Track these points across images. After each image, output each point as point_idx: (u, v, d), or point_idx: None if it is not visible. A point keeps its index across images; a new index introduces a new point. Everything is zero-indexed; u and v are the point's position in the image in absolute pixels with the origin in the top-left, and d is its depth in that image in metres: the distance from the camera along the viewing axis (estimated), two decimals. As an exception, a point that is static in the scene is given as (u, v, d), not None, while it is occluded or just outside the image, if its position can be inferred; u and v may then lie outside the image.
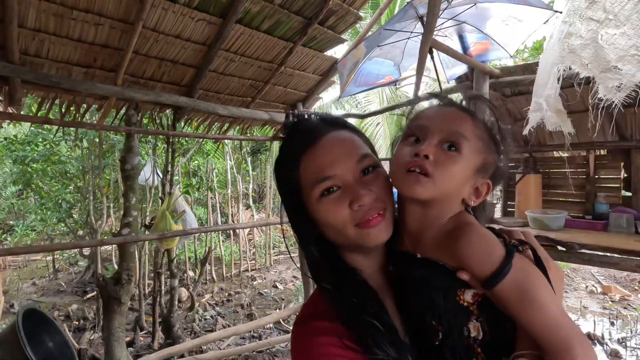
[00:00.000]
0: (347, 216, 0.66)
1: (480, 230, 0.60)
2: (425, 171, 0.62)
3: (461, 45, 2.69)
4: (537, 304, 0.53)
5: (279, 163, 0.76)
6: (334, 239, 0.71)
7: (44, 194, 6.29)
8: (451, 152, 0.63)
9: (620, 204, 2.76)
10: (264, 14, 2.89)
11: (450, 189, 0.63)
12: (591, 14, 1.78)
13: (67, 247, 4.70)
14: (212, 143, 6.75)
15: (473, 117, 0.67)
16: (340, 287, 0.68)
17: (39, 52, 2.49)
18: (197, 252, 7.71)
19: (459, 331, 0.60)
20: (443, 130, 0.64)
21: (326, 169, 0.67)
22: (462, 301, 0.61)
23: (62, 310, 5.50)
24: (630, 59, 1.54)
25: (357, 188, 0.66)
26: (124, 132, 3.45)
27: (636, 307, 5.46)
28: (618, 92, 1.57)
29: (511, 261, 0.55)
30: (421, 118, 0.70)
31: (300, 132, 0.74)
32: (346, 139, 0.72)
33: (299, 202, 0.71)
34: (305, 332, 0.66)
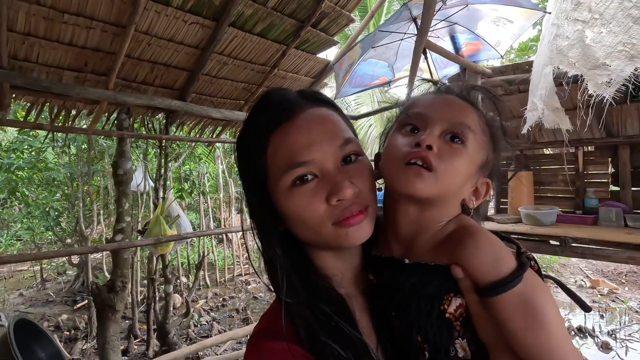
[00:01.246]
0: (324, 212, 0.55)
1: (488, 234, 0.53)
2: (428, 164, 0.53)
3: (453, 46, 2.74)
4: (543, 325, 0.46)
5: (241, 141, 0.62)
6: (304, 237, 0.59)
7: (30, 202, 6.14)
8: (455, 145, 0.56)
9: (609, 198, 2.84)
10: (257, 17, 2.89)
11: (454, 186, 0.56)
12: (577, 15, 1.85)
13: (58, 255, 4.59)
14: (203, 147, 6.70)
15: (476, 108, 0.60)
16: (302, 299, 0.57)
17: (28, 56, 2.44)
18: (190, 257, 7.62)
19: (446, 350, 0.54)
20: (445, 119, 0.57)
21: (302, 152, 0.55)
22: (446, 312, 0.53)
23: (52, 321, 5.36)
24: (618, 55, 1.60)
25: (337, 178, 0.55)
26: (117, 136, 3.40)
27: (624, 300, 5.61)
28: (608, 87, 1.63)
29: (523, 273, 0.48)
30: (419, 105, 0.61)
31: (272, 104, 0.60)
32: (327, 117, 0.59)
33: (263, 191, 0.59)
34: (258, 353, 0.56)
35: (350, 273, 0.64)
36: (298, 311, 0.56)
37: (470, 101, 0.61)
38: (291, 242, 0.61)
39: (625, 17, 1.59)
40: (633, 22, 1.59)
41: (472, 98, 0.62)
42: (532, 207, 2.90)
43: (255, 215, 0.61)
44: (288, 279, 0.58)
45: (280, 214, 0.59)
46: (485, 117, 0.61)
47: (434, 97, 0.62)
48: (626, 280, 6.58)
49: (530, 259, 0.52)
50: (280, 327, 0.56)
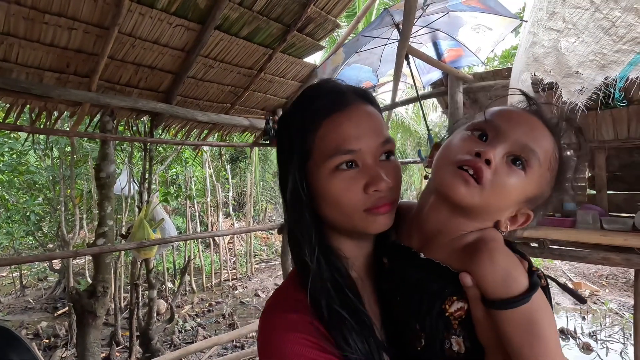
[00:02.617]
0: (360, 198, 0.60)
1: (507, 253, 0.54)
2: (479, 176, 0.54)
3: (436, 52, 2.80)
4: (542, 343, 0.50)
5: (290, 120, 0.66)
6: (333, 218, 0.64)
7: (10, 206, 5.98)
8: (516, 168, 0.55)
9: (586, 201, 2.91)
10: (243, 21, 2.90)
11: (495, 206, 0.57)
12: (552, 24, 1.91)
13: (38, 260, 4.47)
14: (190, 151, 6.64)
15: (556, 142, 0.58)
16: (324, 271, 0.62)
17: (7, 56, 2.39)
18: (176, 262, 7.51)
19: (441, 342, 0.57)
20: (518, 141, 0.55)
21: (351, 141, 0.59)
22: (447, 312, 0.56)
23: (31, 329, 5.22)
24: (590, 64, 1.66)
25: (376, 171, 0.60)
26: (99, 139, 3.35)
27: (604, 302, 5.74)
28: (580, 94, 1.68)
29: (532, 295, 0.50)
30: (500, 115, 0.59)
31: (328, 92, 0.64)
32: (375, 115, 0.64)
33: (302, 170, 0.63)
34: (273, 324, 0.60)
35: (362, 259, 0.68)
36: (319, 282, 0.61)
37: (554, 131, 0.59)
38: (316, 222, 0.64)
39: (597, 28, 1.65)
40: (604, 33, 1.65)
41: (558, 130, 0.59)
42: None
43: (291, 192, 0.64)
44: (313, 251, 0.62)
45: (314, 194, 0.63)
46: (561, 154, 0.59)
47: (519, 113, 0.60)
48: (607, 282, 6.75)
49: (540, 277, 0.54)
50: (294, 299, 0.61)
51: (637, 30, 1.52)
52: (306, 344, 0.56)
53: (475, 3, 2.13)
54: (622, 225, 2.54)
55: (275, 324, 0.59)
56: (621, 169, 2.81)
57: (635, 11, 1.52)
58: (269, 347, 0.58)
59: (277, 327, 0.59)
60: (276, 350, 0.56)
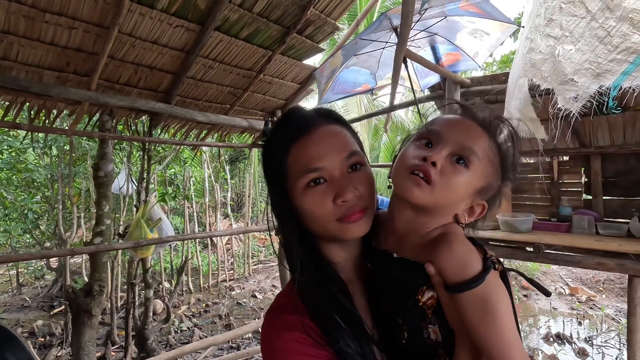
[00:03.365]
0: (330, 210, 0.67)
1: (463, 242, 0.61)
2: (428, 178, 0.61)
3: (434, 56, 2.81)
4: (496, 321, 0.55)
5: (267, 148, 0.75)
6: (313, 229, 0.71)
7: (8, 204, 5.98)
8: (459, 166, 0.63)
9: (582, 206, 2.93)
10: (243, 22, 2.92)
11: (447, 201, 0.64)
12: (549, 31, 1.92)
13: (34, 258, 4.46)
14: (189, 151, 6.65)
15: (491, 138, 0.66)
16: (311, 277, 0.69)
17: (7, 54, 2.40)
18: (173, 262, 7.50)
19: (421, 332, 0.63)
20: (458, 142, 0.64)
21: (315, 160, 0.67)
22: (420, 301, 0.63)
23: (27, 327, 5.20)
24: (585, 72, 1.67)
25: (343, 183, 0.67)
26: (98, 138, 3.36)
27: (601, 307, 5.75)
28: (575, 102, 1.70)
29: (486, 276, 0.56)
30: (439, 123, 0.68)
31: (294, 120, 0.73)
32: (338, 133, 0.72)
33: (283, 191, 0.71)
34: (274, 325, 0.67)
35: (351, 262, 0.75)
36: (309, 288, 0.69)
37: (488, 130, 0.67)
38: (305, 234, 0.73)
39: (592, 37, 1.66)
40: (599, 42, 1.67)
41: (492, 128, 0.68)
42: (510, 214, 2.96)
43: (276, 210, 0.74)
44: (302, 262, 0.71)
45: (296, 210, 0.70)
46: (499, 149, 0.67)
47: (455, 119, 0.69)
48: (604, 287, 6.76)
49: (494, 262, 0.60)
50: (293, 302, 0.69)
51: (631, 40, 1.54)
52: (302, 342, 0.63)
53: (473, 8, 2.14)
54: (617, 230, 2.55)
55: (274, 324, 0.67)
56: (617, 175, 2.82)
57: (630, 21, 1.54)
58: (269, 346, 0.65)
59: (276, 327, 0.66)
60: (275, 347, 0.64)
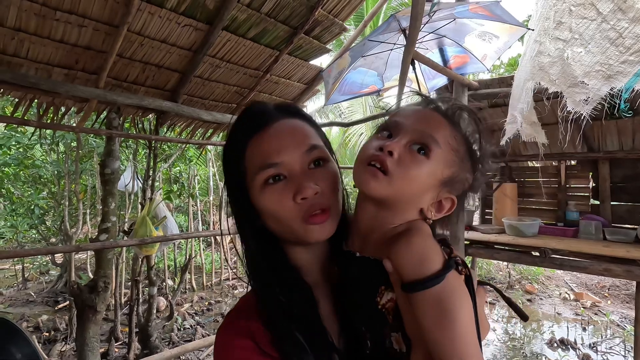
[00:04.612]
0: (292, 208, 0.62)
1: (425, 237, 0.56)
2: (384, 168, 0.57)
3: (441, 58, 2.80)
4: (452, 326, 0.49)
5: (225, 148, 0.71)
6: (276, 230, 0.66)
7: (15, 200, 6.03)
8: (418, 155, 0.58)
9: (589, 212, 2.91)
10: (251, 22, 2.93)
11: (407, 193, 0.59)
12: (558, 34, 1.91)
13: (40, 253, 4.51)
14: (194, 150, 6.68)
15: (453, 127, 0.62)
16: (271, 285, 0.65)
17: (17, 51, 2.43)
18: (177, 260, 7.53)
19: (383, 341, 0.58)
20: (416, 130, 0.60)
21: (272, 155, 0.63)
22: (379, 304, 0.58)
23: (31, 321, 5.25)
24: (596, 74, 1.66)
25: (301, 179, 0.62)
26: (105, 135, 3.38)
27: (606, 313, 5.69)
28: (586, 104, 1.68)
29: (445, 275, 0.51)
30: (399, 114, 0.65)
31: (250, 116, 0.69)
32: (297, 127, 0.67)
33: (242, 191, 0.67)
34: (227, 330, 0.63)
35: (317, 265, 0.70)
36: (265, 296, 0.64)
37: (450, 119, 0.63)
38: (268, 237, 0.68)
39: (603, 39, 1.65)
40: (610, 44, 1.65)
41: (454, 117, 0.64)
42: (515, 218, 2.95)
43: (235, 212, 0.70)
44: (258, 268, 0.67)
45: (257, 211, 0.66)
46: (463, 137, 0.63)
47: (415, 109, 0.65)
48: (609, 293, 6.69)
49: (458, 264, 0.54)
50: (252, 308, 0.64)
51: (644, 41, 1.52)
52: (251, 349, 0.58)
53: (483, 11, 2.13)
54: (624, 236, 2.53)
55: (227, 328, 0.63)
56: (625, 180, 2.80)
57: (643, 22, 1.52)
58: (219, 350, 0.62)
59: (227, 332, 0.62)
60: (223, 353, 0.60)
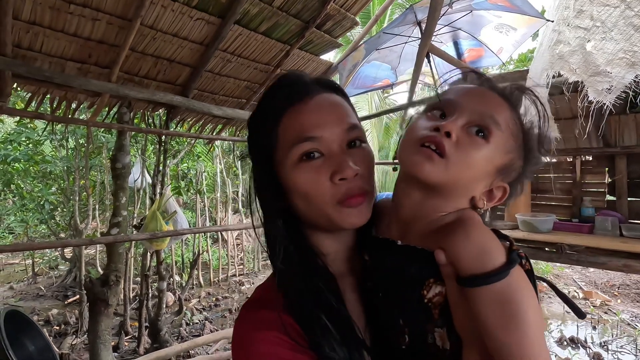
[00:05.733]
0: (328, 189, 0.57)
1: (483, 227, 0.50)
2: (441, 150, 0.52)
3: (456, 52, 2.77)
4: (522, 328, 0.44)
5: (254, 118, 0.65)
6: (305, 213, 0.61)
7: (25, 195, 6.09)
8: (478, 138, 0.53)
9: (605, 207, 2.86)
10: (263, 16, 2.91)
11: (464, 178, 0.54)
12: (579, 22, 1.87)
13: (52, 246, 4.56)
14: (202, 146, 6.69)
15: (513, 109, 0.57)
16: (296, 270, 0.60)
17: (32, 45, 2.43)
18: (185, 256, 7.57)
19: (425, 337, 0.53)
20: (476, 111, 0.54)
21: (312, 128, 0.57)
22: (425, 298, 0.53)
23: (42, 315, 5.30)
24: (619, 62, 1.62)
25: (341, 158, 0.57)
26: (116, 129, 3.39)
27: (616, 312, 5.63)
28: (608, 94, 1.65)
29: (509, 270, 0.46)
30: (453, 92, 0.58)
31: (287, 85, 0.63)
32: (338, 103, 0.63)
33: (270, 166, 0.61)
34: (247, 322, 0.58)
35: (343, 253, 0.65)
36: (291, 281, 0.59)
37: (509, 99, 0.57)
38: (291, 219, 0.62)
39: (627, 26, 1.61)
40: (635, 31, 1.62)
41: (513, 98, 0.58)
42: (529, 214, 2.91)
43: (260, 188, 0.64)
44: (285, 250, 0.61)
45: (285, 189, 0.61)
46: (522, 122, 0.57)
47: (472, 87, 0.59)
48: (618, 292, 6.62)
49: (521, 257, 0.50)
50: (273, 297, 0.59)
51: (671, 29, 1.49)
52: (278, 343, 0.54)
53: (502, 1, 2.09)
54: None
55: (248, 321, 0.58)
56: (643, 176, 2.75)
57: (670, 11, 1.49)
58: (240, 345, 0.57)
59: (249, 324, 0.57)
60: (247, 347, 0.55)
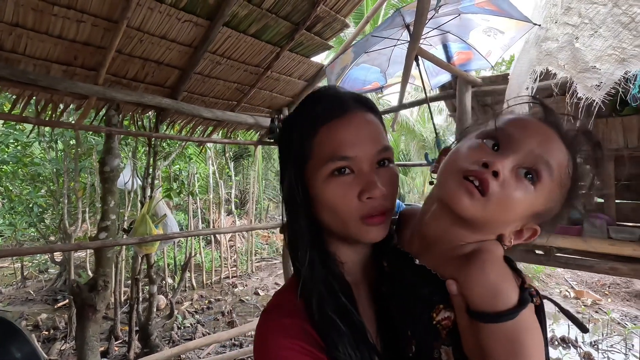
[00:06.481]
0: (354, 206, 0.60)
1: (500, 265, 0.51)
2: (484, 188, 0.51)
3: (445, 55, 2.77)
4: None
5: (291, 124, 0.67)
6: (329, 224, 0.64)
7: (13, 197, 6.00)
8: (525, 182, 0.52)
9: (594, 210, 2.88)
10: (252, 18, 2.89)
11: (499, 220, 0.54)
12: (567, 19, 1.87)
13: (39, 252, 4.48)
14: (194, 147, 6.64)
15: (571, 156, 0.55)
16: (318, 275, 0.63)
17: (15, 47, 2.39)
18: (177, 258, 7.51)
19: (431, 351, 0.55)
20: (532, 152, 0.52)
21: (347, 147, 0.60)
22: (434, 320, 0.55)
23: (31, 320, 5.23)
24: (608, 58, 1.62)
25: (371, 178, 0.60)
26: (104, 132, 3.35)
27: (607, 311, 5.69)
28: (598, 90, 1.65)
29: (520, 312, 0.47)
30: (514, 124, 0.56)
31: (328, 99, 0.65)
32: (374, 123, 0.65)
33: (300, 173, 0.64)
34: (269, 328, 0.61)
35: (359, 263, 0.69)
36: (313, 285, 0.62)
37: (570, 144, 0.55)
38: (314, 226, 0.65)
39: (615, 23, 1.61)
40: (623, 28, 1.62)
41: (574, 143, 0.55)
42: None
43: (289, 195, 0.66)
44: (311, 256, 0.63)
45: (312, 198, 0.63)
46: (576, 170, 0.55)
47: (535, 123, 0.56)
48: (609, 291, 6.69)
49: (532, 295, 0.51)
50: (292, 303, 0.62)
51: (657, 27, 1.49)
52: (298, 350, 0.56)
53: (489, 5, 2.10)
54: (630, 234, 2.50)
55: (270, 328, 0.61)
56: (630, 178, 2.77)
57: (655, 10, 1.49)
58: (262, 351, 0.59)
59: (271, 331, 0.60)
60: (268, 354, 0.58)
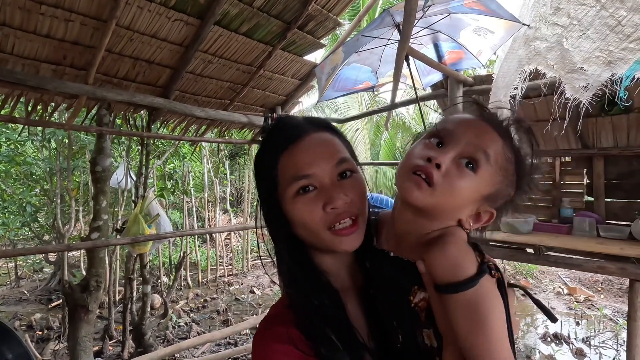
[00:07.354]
0: (320, 218, 0.66)
1: (459, 243, 0.58)
2: (430, 179, 0.58)
3: (436, 54, 2.77)
4: (485, 332, 0.52)
5: (258, 159, 0.75)
6: (305, 238, 0.70)
7: (6, 197, 5.95)
8: (466, 170, 0.59)
9: (584, 208, 2.90)
10: (243, 17, 2.87)
11: (449, 205, 0.60)
12: (556, 20, 1.88)
13: (31, 252, 4.46)
14: (188, 146, 6.61)
15: (506, 143, 0.61)
16: (301, 287, 0.69)
17: (3, 47, 2.36)
18: (172, 257, 7.49)
19: (415, 337, 0.61)
20: (469, 143, 0.60)
21: (304, 167, 0.67)
22: (412, 303, 0.61)
23: (24, 320, 5.21)
24: (595, 60, 1.63)
25: (332, 190, 0.66)
26: (95, 132, 3.33)
27: (599, 308, 5.74)
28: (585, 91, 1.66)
29: (479, 280, 0.53)
30: (451, 122, 0.64)
31: (282, 129, 0.73)
32: (327, 140, 0.71)
33: (273, 200, 0.71)
34: (265, 335, 0.66)
35: (344, 270, 0.75)
36: (299, 299, 0.69)
37: (505, 134, 0.62)
38: (297, 243, 0.72)
39: (603, 25, 1.62)
40: (610, 31, 1.63)
41: (509, 131, 0.63)
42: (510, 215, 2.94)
43: (267, 219, 0.75)
44: (291, 272, 0.71)
45: (287, 219, 0.70)
46: (515, 156, 0.62)
47: (470, 119, 0.65)
48: (602, 288, 6.75)
49: (490, 268, 0.57)
50: (286, 313, 0.68)
51: (643, 31, 1.50)
52: (291, 354, 0.61)
53: (478, 6, 2.10)
54: (618, 233, 2.53)
55: (265, 334, 0.66)
56: (619, 177, 2.80)
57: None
58: (258, 356, 0.65)
59: (266, 338, 0.65)
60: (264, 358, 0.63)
